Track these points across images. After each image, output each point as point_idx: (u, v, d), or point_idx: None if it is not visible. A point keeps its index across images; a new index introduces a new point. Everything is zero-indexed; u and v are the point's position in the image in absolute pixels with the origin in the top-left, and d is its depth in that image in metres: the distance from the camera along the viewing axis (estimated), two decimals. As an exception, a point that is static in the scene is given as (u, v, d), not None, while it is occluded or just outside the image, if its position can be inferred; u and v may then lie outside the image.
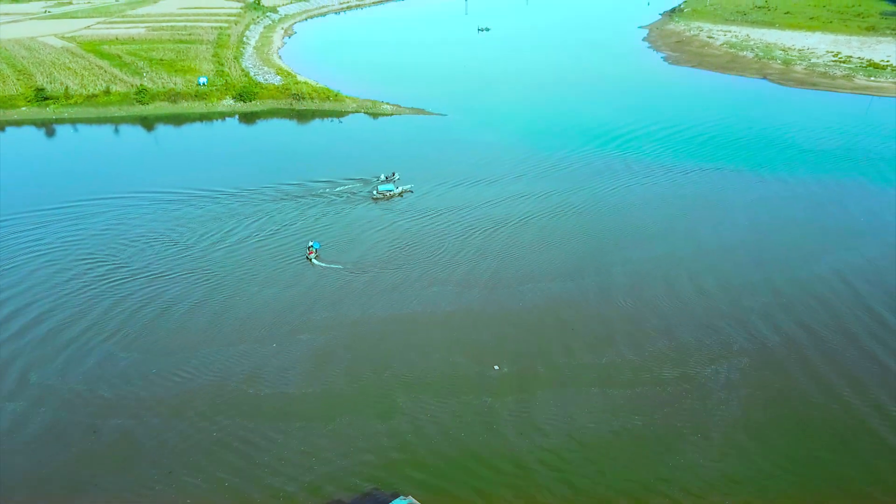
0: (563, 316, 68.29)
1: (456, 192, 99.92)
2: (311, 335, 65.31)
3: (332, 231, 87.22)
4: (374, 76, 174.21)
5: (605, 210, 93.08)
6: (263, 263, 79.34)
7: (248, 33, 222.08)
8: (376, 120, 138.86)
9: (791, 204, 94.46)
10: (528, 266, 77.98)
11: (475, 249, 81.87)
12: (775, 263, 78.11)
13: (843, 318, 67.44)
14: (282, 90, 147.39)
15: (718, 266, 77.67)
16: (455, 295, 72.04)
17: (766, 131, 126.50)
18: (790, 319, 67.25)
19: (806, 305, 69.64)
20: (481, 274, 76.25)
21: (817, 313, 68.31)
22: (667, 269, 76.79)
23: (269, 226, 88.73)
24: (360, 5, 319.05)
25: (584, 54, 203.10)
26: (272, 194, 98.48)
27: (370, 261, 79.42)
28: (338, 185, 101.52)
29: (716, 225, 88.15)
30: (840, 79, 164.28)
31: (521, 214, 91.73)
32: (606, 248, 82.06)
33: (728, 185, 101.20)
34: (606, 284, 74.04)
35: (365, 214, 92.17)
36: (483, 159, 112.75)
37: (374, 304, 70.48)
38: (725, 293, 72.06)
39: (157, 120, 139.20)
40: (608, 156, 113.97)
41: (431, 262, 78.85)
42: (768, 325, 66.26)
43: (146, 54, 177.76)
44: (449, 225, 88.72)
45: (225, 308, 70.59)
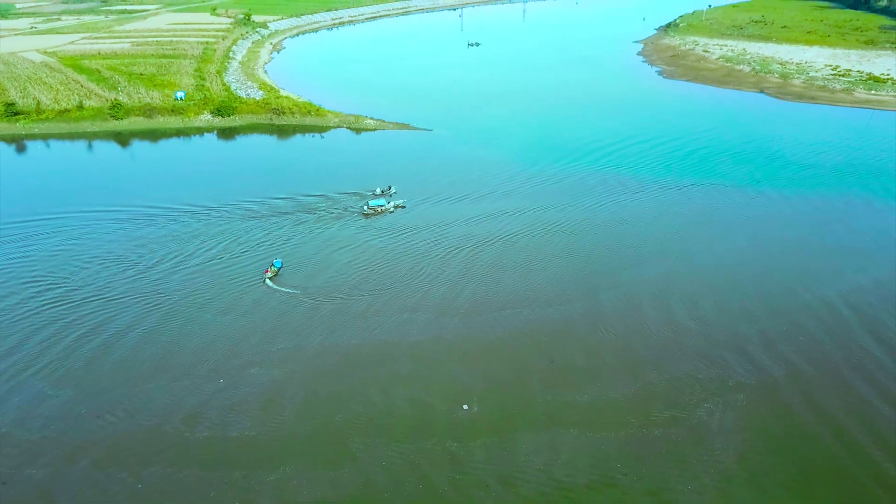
0: (544, 346, 62.15)
1: (438, 208, 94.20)
2: (264, 369, 59.09)
3: (303, 251, 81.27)
4: (360, 92, 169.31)
5: (595, 228, 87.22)
6: (223, 288, 73.30)
7: (235, 48, 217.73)
8: (359, 135, 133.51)
9: (793, 221, 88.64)
10: (509, 290, 71.94)
11: (454, 271, 75.89)
12: (776, 285, 72.09)
13: (850, 349, 61.25)
14: (261, 105, 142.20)
15: (714, 289, 71.63)
16: (428, 323, 65.92)
17: (764, 146, 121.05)
18: (792, 349, 61.05)
19: (809, 333, 63.48)
20: (458, 299, 70.18)
21: (822, 342, 62.12)
22: (659, 293, 70.73)
23: (234, 247, 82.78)
24: (352, 21, 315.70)
25: (577, 69, 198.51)
26: (241, 213, 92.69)
27: (339, 285, 73.36)
28: (308, 201, 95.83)
29: (712, 244, 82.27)
30: (840, 92, 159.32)
31: (506, 233, 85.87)
32: (594, 270, 76.07)
33: (726, 202, 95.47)
34: (593, 310, 67.95)
35: (338, 234, 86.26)
36: (469, 175, 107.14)
37: (338, 334, 64.33)
38: (721, 319, 65.94)
39: (132, 135, 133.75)
40: (600, 171, 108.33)
41: (406, 286, 72.82)
42: (768, 356, 60.05)
43: (126, 69, 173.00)
44: (428, 244, 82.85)
45: (176, 337, 64.47)
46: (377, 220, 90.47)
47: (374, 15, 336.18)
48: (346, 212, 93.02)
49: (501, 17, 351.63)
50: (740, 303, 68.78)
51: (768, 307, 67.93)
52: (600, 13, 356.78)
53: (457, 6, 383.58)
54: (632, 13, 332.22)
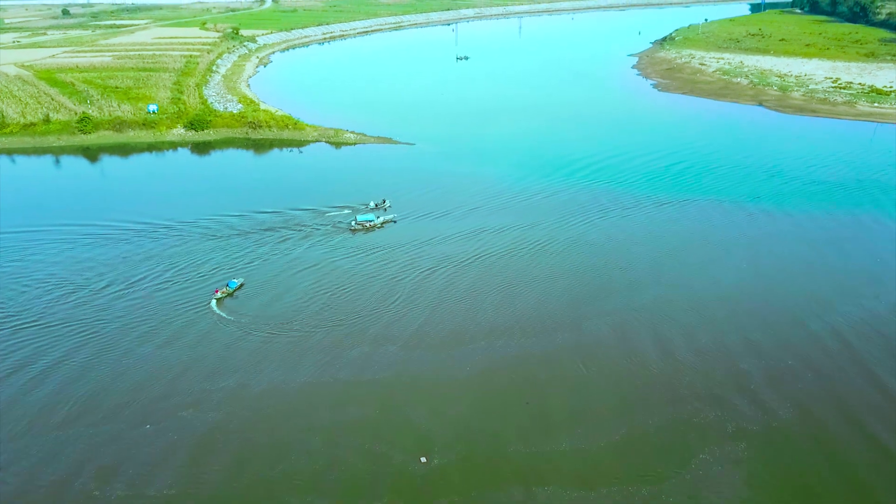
0: (521, 385, 54.94)
1: (416, 226, 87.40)
2: (198, 412, 51.80)
3: (263, 274, 74.19)
4: (345, 106, 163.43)
5: (583, 248, 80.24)
6: (170, 315, 66.12)
7: (220, 62, 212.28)
8: (339, 150, 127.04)
9: (798, 241, 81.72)
10: (485, 318, 64.76)
11: (425, 298, 68.77)
12: (780, 314, 64.97)
13: (865, 389, 54.00)
14: (237, 118, 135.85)
15: (712, 318, 64.48)
16: (390, 358, 58.71)
17: (765, 161, 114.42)
18: (799, 388, 53.82)
19: (818, 369, 56.25)
20: (427, 329, 63.00)
21: (833, 380, 54.88)
22: (650, 323, 63.56)
23: (189, 270, 75.71)
24: (343, 35, 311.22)
25: (568, 82, 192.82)
26: (201, 232, 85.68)
27: (297, 312, 66.17)
28: (272, 219, 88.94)
29: (709, 266, 75.27)
30: (841, 105, 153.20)
31: (485, 253, 78.90)
32: (580, 296, 68.97)
33: (723, 220, 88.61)
34: (577, 343, 60.75)
35: (306, 254, 79.14)
36: (451, 191, 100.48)
37: (287, 371, 57.08)
38: (720, 354, 58.70)
39: (101, 150, 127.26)
40: (588, 187, 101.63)
41: (370, 314, 65.68)
42: (773, 396, 52.80)
43: (103, 82, 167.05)
44: (400, 266, 75.86)
45: (109, 373, 57.26)
46: (348, 239, 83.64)
47: (366, 29, 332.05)
48: (314, 230, 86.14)
49: (496, 31, 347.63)
50: (741, 335, 61.61)
51: (772, 339, 60.76)
52: (596, 28, 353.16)
53: (451, 21, 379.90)
54: (627, 28, 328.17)
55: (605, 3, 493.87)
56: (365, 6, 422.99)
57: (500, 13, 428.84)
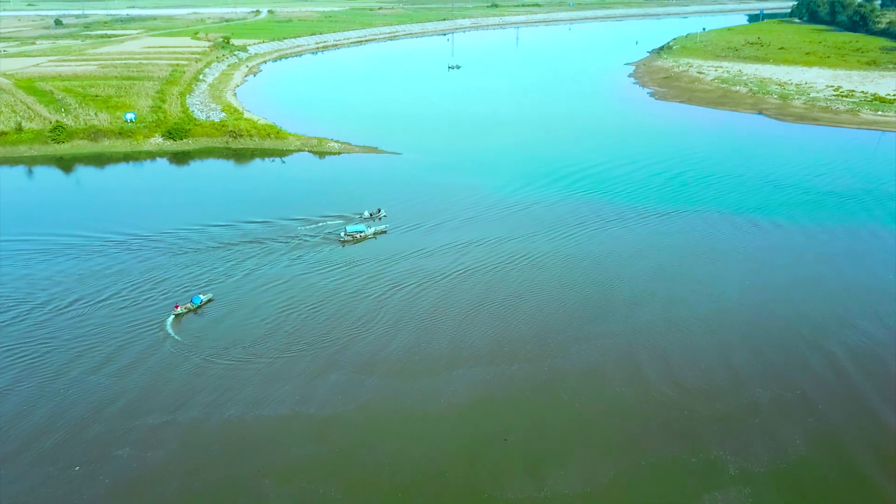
0: (501, 419, 49.45)
1: (391, 238, 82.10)
2: (136, 451, 46.21)
3: (236, 290, 68.68)
4: (331, 115, 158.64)
5: (568, 262, 74.86)
6: (112, 335, 60.61)
7: (208, 71, 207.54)
8: (322, 159, 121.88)
9: (804, 256, 76.41)
10: (467, 342, 59.27)
11: (406, 318, 63.31)
12: (788, 336, 59.51)
13: (888, 423, 48.54)
14: (217, 127, 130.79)
15: (714, 341, 59.01)
16: (361, 388, 53.17)
17: (766, 171, 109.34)
18: (812, 424, 48.28)
19: (834, 402, 50.76)
20: (405, 355, 57.52)
21: (851, 415, 49.39)
22: (640, 349, 58.08)
23: (147, 286, 70.24)
24: (337, 45, 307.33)
25: (562, 90, 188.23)
26: (172, 245, 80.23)
27: (247, 332, 60.64)
28: (229, 241, 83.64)
29: (711, 283, 69.87)
30: (844, 113, 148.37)
31: (470, 269, 73.48)
32: (564, 317, 63.50)
33: (726, 232, 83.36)
34: (564, 371, 55.23)
35: (284, 270, 73.48)
36: (433, 201, 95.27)
37: (246, 403, 51.47)
38: (722, 383, 53.21)
39: (75, 160, 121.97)
40: (579, 198, 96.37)
41: (343, 338, 60.18)
42: (781, 433, 47.27)
43: (83, 90, 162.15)
44: (366, 281, 70.46)
45: (34, 400, 51.61)
46: (336, 252, 78.37)
47: (360, 39, 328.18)
48: (302, 241, 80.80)
49: (492, 42, 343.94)
50: (744, 360, 56.12)
51: (779, 366, 55.28)
52: (593, 38, 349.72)
53: (446, 31, 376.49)
54: (624, 37, 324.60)
55: (602, 13, 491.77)
56: (360, 16, 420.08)
57: (496, 23, 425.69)
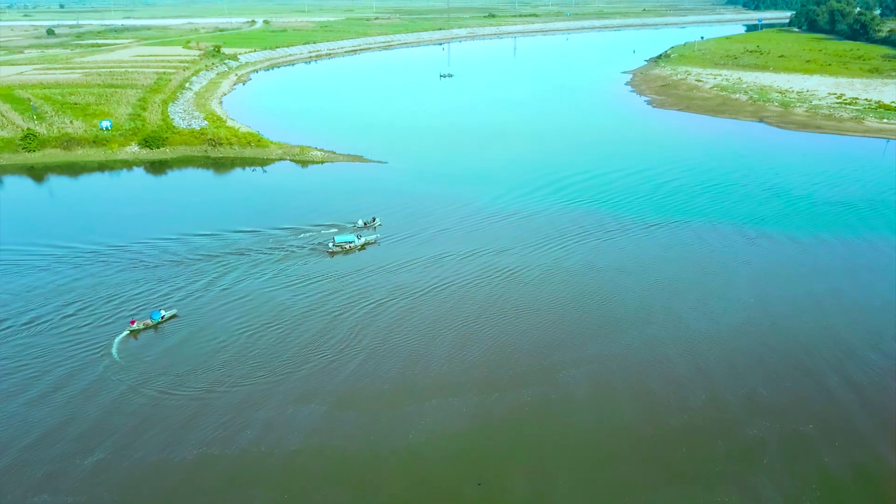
0: (467, 458, 43.69)
1: (386, 251, 76.56)
2: (52, 497, 40.35)
3: (199, 310, 63.00)
4: (319, 124, 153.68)
5: (561, 277, 69.23)
6: (58, 355, 54.98)
7: (195, 79, 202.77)
8: (305, 168, 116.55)
9: (812, 272, 70.84)
10: (438, 367, 53.63)
11: (370, 340, 57.63)
12: (795, 362, 53.82)
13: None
14: (196, 136, 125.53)
15: (713, 368, 53.31)
16: (314, 419, 47.50)
17: (769, 179, 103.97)
18: (826, 464, 42.48)
19: (849, 438, 44.99)
20: (359, 381, 51.87)
21: (869, 452, 43.60)
22: (637, 375, 52.41)
23: (117, 300, 64.67)
24: (330, 54, 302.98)
25: (556, 98, 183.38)
26: (141, 259, 74.66)
27: (214, 358, 54.99)
28: (202, 244, 78.05)
29: (710, 301, 64.24)
30: (848, 121, 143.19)
31: (444, 283, 67.97)
32: (555, 339, 57.83)
33: (725, 245, 77.81)
34: (546, 401, 49.54)
35: (258, 287, 67.93)
36: (419, 212, 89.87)
37: (178, 439, 45.73)
38: (723, 415, 47.50)
39: (47, 170, 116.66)
40: (572, 208, 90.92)
41: (302, 359, 54.52)
42: (791, 475, 41.47)
43: (63, 98, 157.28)
44: (351, 298, 64.79)
45: (-37, 441, 45.97)
46: (321, 263, 72.84)
47: (354, 49, 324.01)
48: (291, 252, 75.23)
49: (488, 51, 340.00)
50: (747, 389, 50.43)
51: (785, 396, 49.61)
52: (590, 48, 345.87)
53: (442, 41, 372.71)
54: (622, 47, 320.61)
55: (599, 23, 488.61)
56: (356, 26, 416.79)
57: (492, 33, 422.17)
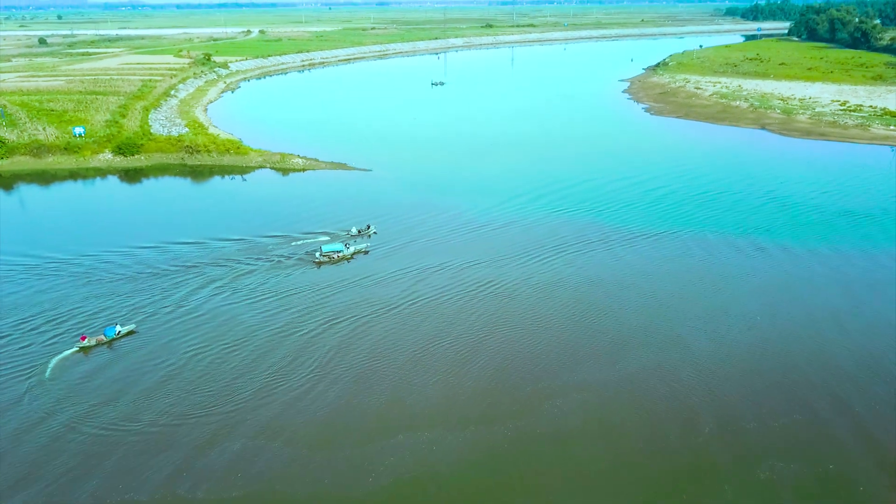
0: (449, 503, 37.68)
1: (375, 261, 70.68)
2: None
3: (161, 326, 57.03)
4: (305, 132, 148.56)
5: (545, 292, 63.30)
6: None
7: (182, 86, 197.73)
8: (286, 176, 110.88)
9: (827, 286, 64.89)
10: (414, 396, 47.63)
11: (346, 362, 51.68)
12: (810, 389, 47.84)
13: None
14: (173, 143, 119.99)
15: (720, 397, 47.31)
16: (273, 460, 41.41)
17: (773, 188, 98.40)
18: None
19: (878, 483, 38.99)
20: (320, 412, 45.88)
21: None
22: (635, 406, 46.40)
23: (79, 316, 58.61)
24: (324, 63, 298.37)
25: (550, 107, 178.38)
26: (108, 271, 68.80)
27: (130, 385, 48.97)
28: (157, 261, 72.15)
29: (716, 319, 58.30)
30: (854, 128, 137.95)
31: (422, 297, 61.99)
32: (537, 363, 51.83)
33: (732, 258, 72.00)
34: (533, 435, 43.51)
35: (223, 303, 62.01)
36: (399, 221, 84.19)
37: (120, 483, 39.69)
38: (733, 451, 41.45)
39: (14, 178, 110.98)
40: (562, 217, 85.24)
41: (265, 389, 48.52)
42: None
43: (40, 105, 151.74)
44: (301, 315, 58.81)
45: None
46: (306, 274, 66.99)
47: (348, 57, 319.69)
48: (278, 261, 69.30)
49: (484, 60, 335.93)
50: (759, 422, 44.40)
51: (802, 429, 43.51)
52: (588, 57, 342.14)
53: (438, 50, 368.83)
54: (620, 56, 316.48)
55: (597, 33, 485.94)
56: (352, 35, 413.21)
57: (489, 42, 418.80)
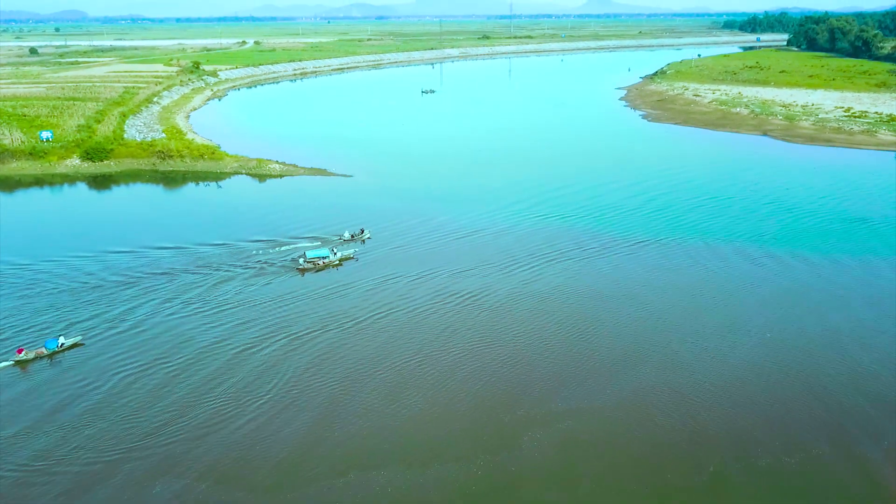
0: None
1: (361, 268, 64.29)
2: None
3: (114, 338, 50.54)
4: (287, 138, 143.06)
5: (533, 305, 56.87)
6: None
7: (166, 93, 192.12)
8: (263, 183, 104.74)
9: (845, 300, 58.46)
10: (362, 426, 41.05)
11: (295, 384, 45.17)
12: (828, 418, 41.32)
13: None
14: (145, 148, 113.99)
15: (727, 428, 40.74)
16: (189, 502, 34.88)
17: (779, 195, 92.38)
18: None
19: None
20: (270, 447, 39.29)
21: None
22: (627, 438, 39.83)
23: (30, 331, 52.19)
24: (316, 72, 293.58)
25: (541, 113, 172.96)
26: (50, 284, 62.38)
27: (56, 417, 42.46)
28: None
29: (719, 337, 51.83)
30: (859, 134, 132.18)
31: (398, 309, 55.57)
32: (518, 386, 45.30)
33: (735, 269, 65.65)
34: (507, 477, 36.98)
35: (191, 314, 55.55)
36: (384, 227, 77.71)
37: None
38: (740, 495, 34.87)
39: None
40: (552, 223, 79.06)
41: (200, 416, 42.01)
42: None
43: (13, 110, 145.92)
44: (274, 331, 52.40)
45: None
46: (285, 283, 60.43)
47: (341, 67, 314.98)
48: (264, 268, 62.87)
49: (479, 70, 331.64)
50: (772, 457, 37.83)
51: (819, 466, 36.95)
52: (584, 67, 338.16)
53: (434, 60, 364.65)
54: (618, 67, 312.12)
55: (595, 44, 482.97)
56: (346, 46, 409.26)
57: (485, 53, 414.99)
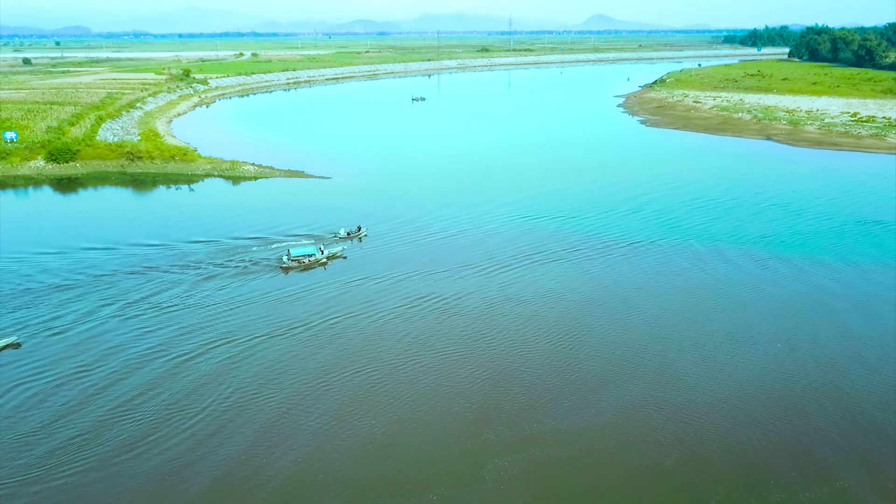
0: None
1: (347, 269, 57.85)
2: None
3: (34, 342, 44.18)
4: (268, 143, 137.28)
5: (517, 313, 50.29)
6: None
7: (151, 99, 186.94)
8: (236, 185, 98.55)
9: (867, 305, 51.91)
10: (300, 460, 34.41)
11: (218, 400, 38.58)
12: (849, 440, 34.62)
13: None
14: (113, 149, 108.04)
15: (732, 454, 34.05)
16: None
17: (786, 198, 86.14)
18: None
19: None
20: (205, 479, 32.66)
21: None
22: (615, 465, 33.11)
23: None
24: (310, 82, 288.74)
25: (535, 118, 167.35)
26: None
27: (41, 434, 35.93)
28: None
29: (725, 348, 45.16)
30: (868, 138, 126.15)
31: (354, 312, 49.02)
32: (487, 404, 38.64)
33: (741, 273, 59.16)
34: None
35: (150, 314, 49.12)
36: (373, 229, 71.33)
37: None
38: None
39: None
40: (543, 227, 72.67)
41: (126, 436, 35.45)
42: None
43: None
44: (220, 336, 45.88)
45: None
46: (268, 283, 53.77)
47: (336, 77, 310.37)
48: (193, 270, 56.40)
49: (476, 81, 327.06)
50: (784, 493, 31.08)
51: (837, 496, 30.33)
52: (583, 78, 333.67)
53: (431, 71, 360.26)
54: (616, 78, 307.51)
55: (594, 56, 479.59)
56: (344, 58, 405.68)
57: (484, 65, 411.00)
